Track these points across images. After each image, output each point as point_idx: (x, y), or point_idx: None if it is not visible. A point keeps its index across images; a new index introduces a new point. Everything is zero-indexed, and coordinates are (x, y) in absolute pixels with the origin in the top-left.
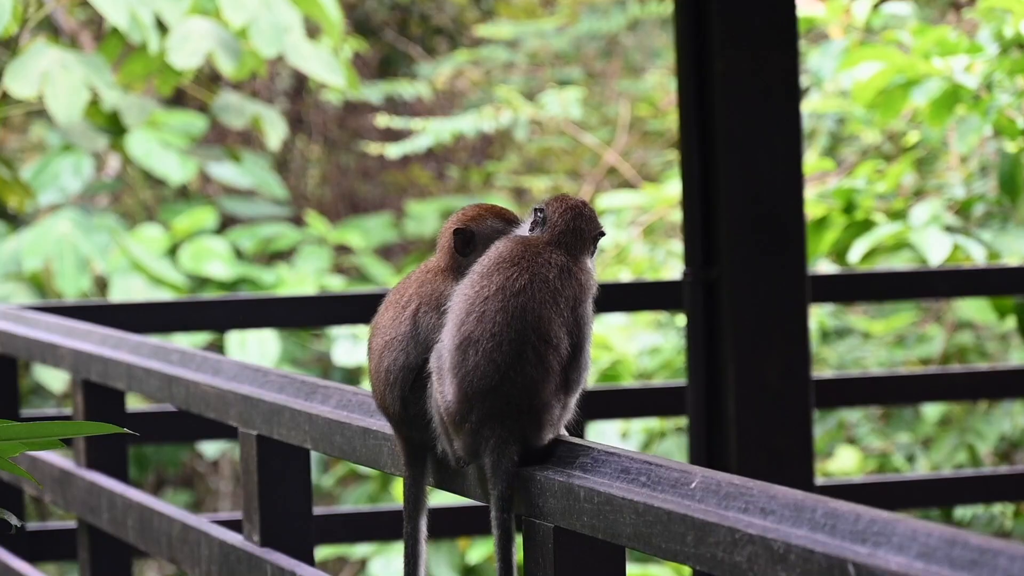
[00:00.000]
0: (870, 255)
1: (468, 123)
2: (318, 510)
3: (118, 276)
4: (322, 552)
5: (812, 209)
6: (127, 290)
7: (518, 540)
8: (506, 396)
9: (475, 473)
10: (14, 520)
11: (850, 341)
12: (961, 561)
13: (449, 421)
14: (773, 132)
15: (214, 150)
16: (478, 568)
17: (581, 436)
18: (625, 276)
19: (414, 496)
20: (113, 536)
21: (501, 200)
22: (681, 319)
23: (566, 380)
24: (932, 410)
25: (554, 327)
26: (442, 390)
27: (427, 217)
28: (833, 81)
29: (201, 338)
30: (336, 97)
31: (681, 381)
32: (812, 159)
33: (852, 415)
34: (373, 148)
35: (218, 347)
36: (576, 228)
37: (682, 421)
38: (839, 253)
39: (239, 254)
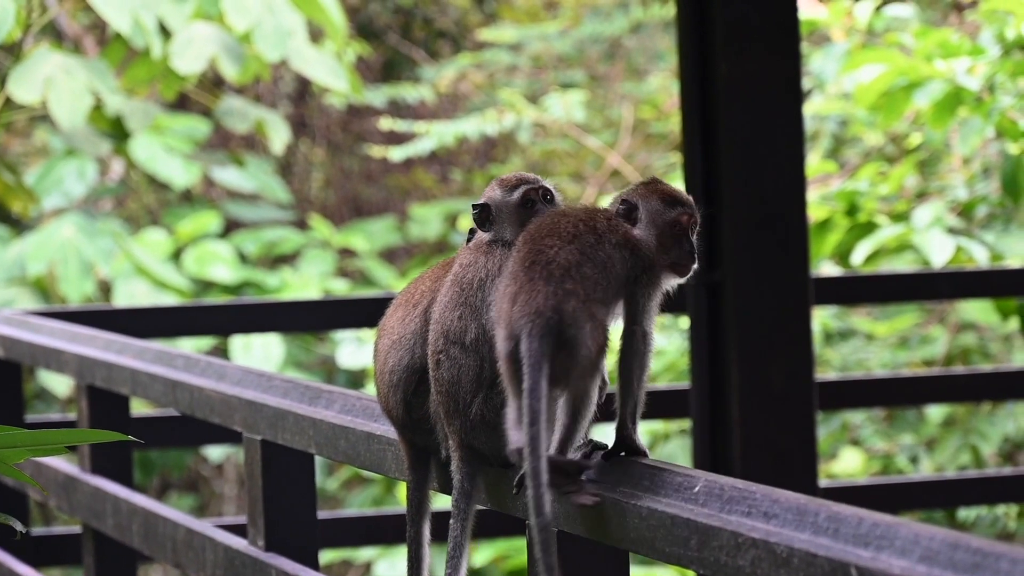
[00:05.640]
0: (873, 257)
1: (471, 126)
2: (322, 514)
3: (122, 280)
4: (327, 556)
5: (815, 211)
6: (131, 294)
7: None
8: None
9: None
10: (19, 526)
11: (853, 343)
12: (963, 564)
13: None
14: (776, 134)
15: (217, 154)
16: (482, 571)
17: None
18: None
19: (417, 500)
20: (118, 541)
21: None
22: (685, 322)
23: None
24: (936, 411)
25: None
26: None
27: (431, 220)
28: (835, 83)
29: (205, 342)
30: (339, 101)
31: (685, 384)
32: (815, 161)
33: (856, 417)
34: (376, 151)
35: (222, 351)
36: None
37: (686, 423)
38: (842, 255)
39: (243, 258)
